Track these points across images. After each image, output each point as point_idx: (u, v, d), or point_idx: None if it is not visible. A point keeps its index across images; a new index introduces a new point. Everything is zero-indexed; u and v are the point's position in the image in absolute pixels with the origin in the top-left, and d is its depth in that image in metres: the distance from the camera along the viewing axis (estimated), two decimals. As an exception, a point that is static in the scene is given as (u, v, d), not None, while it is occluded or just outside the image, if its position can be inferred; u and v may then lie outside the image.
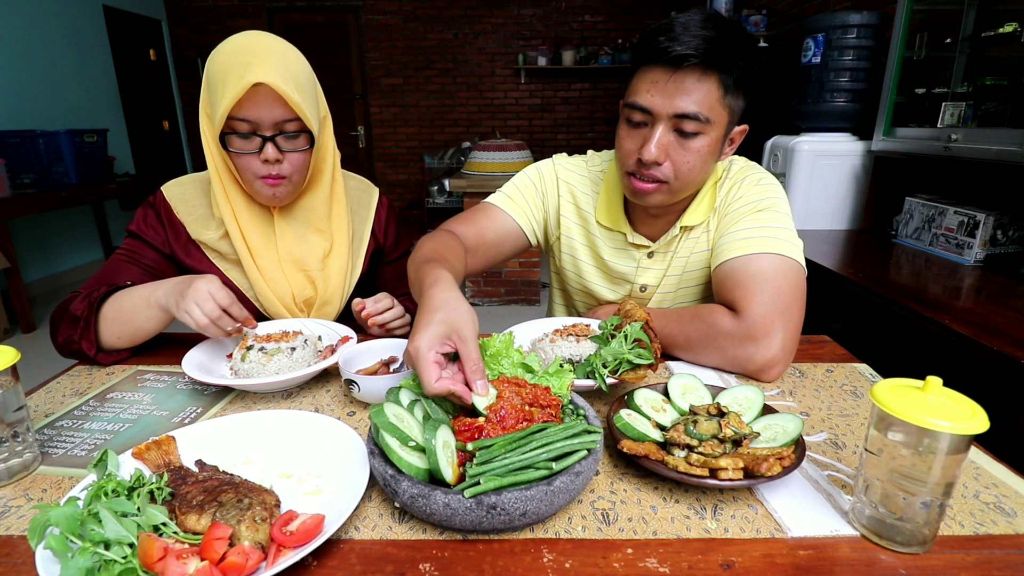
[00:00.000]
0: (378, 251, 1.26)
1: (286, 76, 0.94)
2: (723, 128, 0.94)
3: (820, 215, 2.46)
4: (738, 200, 1.04)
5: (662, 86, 0.90)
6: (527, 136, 6.29)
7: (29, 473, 0.70)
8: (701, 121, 0.90)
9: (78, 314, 0.95)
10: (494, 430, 0.61)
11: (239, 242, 1.07)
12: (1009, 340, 1.19)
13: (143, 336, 0.98)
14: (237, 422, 0.75)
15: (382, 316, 1.04)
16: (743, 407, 0.74)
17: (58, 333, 0.98)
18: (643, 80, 0.92)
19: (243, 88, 0.91)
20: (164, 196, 1.10)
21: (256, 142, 0.98)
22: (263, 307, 1.12)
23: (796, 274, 0.95)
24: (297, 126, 0.99)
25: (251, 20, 5.97)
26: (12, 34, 4.07)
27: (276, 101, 0.95)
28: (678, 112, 0.90)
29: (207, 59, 0.98)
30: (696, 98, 0.89)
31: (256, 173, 1.00)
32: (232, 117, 0.95)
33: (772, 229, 0.98)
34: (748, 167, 1.09)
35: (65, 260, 4.62)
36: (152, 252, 1.08)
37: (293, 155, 1.00)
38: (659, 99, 0.90)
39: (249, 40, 0.96)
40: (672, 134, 0.92)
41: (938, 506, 0.54)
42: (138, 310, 0.95)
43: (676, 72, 0.88)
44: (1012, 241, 1.77)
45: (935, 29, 2.12)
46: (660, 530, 0.59)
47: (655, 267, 1.13)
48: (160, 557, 0.49)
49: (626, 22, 6.01)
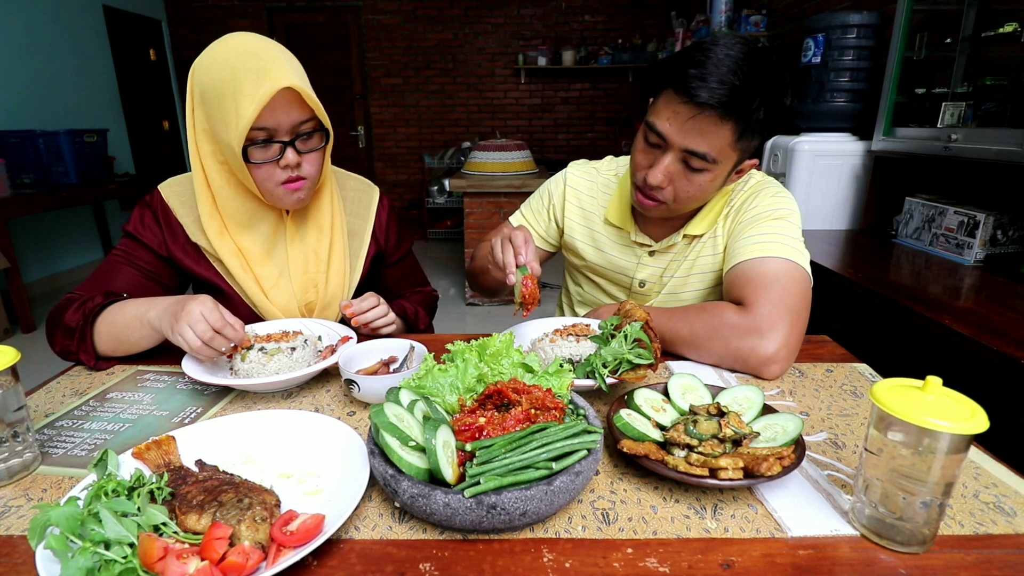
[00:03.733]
0: (379, 254, 1.24)
1: (300, 75, 0.93)
2: (731, 166, 0.97)
3: (820, 215, 2.46)
4: (753, 209, 1.06)
5: (680, 121, 0.92)
6: (527, 136, 6.28)
7: (29, 473, 0.70)
8: (709, 161, 0.93)
9: (72, 325, 0.94)
10: (494, 430, 0.61)
11: (232, 258, 1.04)
12: (1009, 340, 1.19)
13: (137, 350, 0.97)
14: (237, 422, 0.75)
15: (365, 315, 1.03)
16: (743, 407, 0.74)
17: (55, 341, 0.97)
18: (666, 107, 0.94)
19: (268, 95, 0.87)
20: (161, 196, 1.07)
21: (275, 149, 0.95)
22: (260, 313, 1.10)
23: (803, 280, 0.97)
24: (312, 125, 0.97)
25: (251, 20, 5.97)
26: (12, 34, 4.07)
27: (293, 103, 0.92)
28: (689, 148, 0.93)
29: (192, 70, 0.93)
30: (709, 141, 0.91)
31: (277, 180, 0.97)
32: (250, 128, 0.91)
33: (785, 237, 1.01)
34: (765, 181, 1.12)
35: (65, 260, 4.62)
36: (148, 254, 1.06)
37: (311, 155, 0.99)
38: (675, 131, 0.93)
39: (248, 44, 0.92)
40: (680, 164, 0.96)
41: (938, 506, 0.54)
42: (131, 328, 0.93)
43: (697, 110, 0.89)
44: (1012, 241, 1.77)
45: (935, 29, 2.11)
46: (660, 530, 0.59)
47: (654, 265, 1.17)
48: (160, 557, 0.49)
49: (626, 22, 6.01)
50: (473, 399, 0.69)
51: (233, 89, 0.89)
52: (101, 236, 4.98)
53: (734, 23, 3.83)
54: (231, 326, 0.86)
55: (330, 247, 1.12)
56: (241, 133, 0.90)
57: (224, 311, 0.87)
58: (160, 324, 0.89)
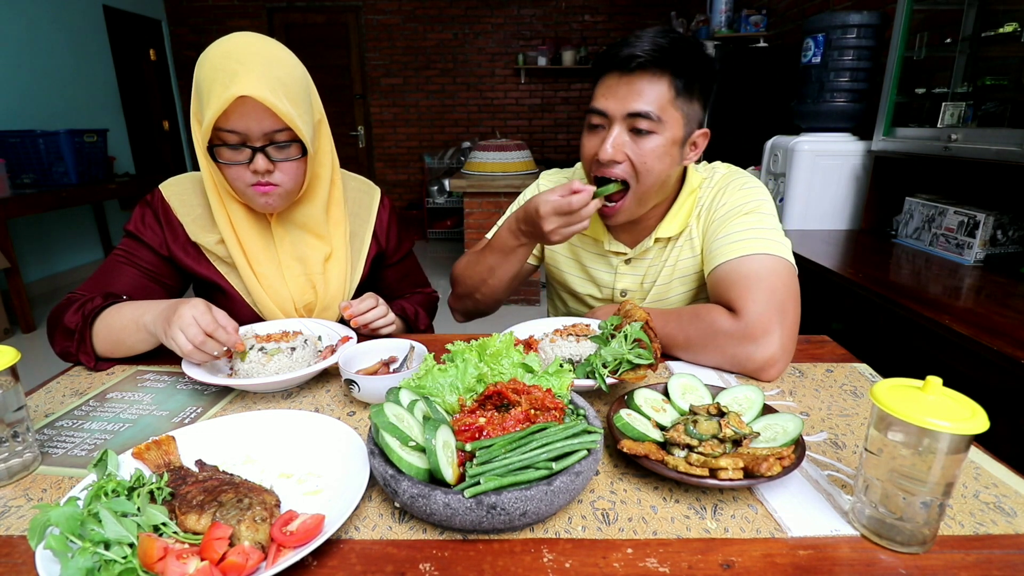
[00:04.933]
0: (380, 255, 1.24)
1: (274, 85, 0.91)
2: (678, 131, 0.98)
3: (820, 215, 2.46)
4: (723, 206, 1.06)
5: (615, 89, 0.96)
6: (527, 136, 6.29)
7: (29, 473, 0.70)
8: (653, 120, 0.95)
9: (72, 327, 0.94)
10: (494, 430, 0.61)
11: (235, 249, 1.05)
12: (1009, 340, 1.19)
13: (136, 353, 0.98)
14: (237, 422, 0.75)
15: (364, 316, 1.03)
16: (743, 407, 0.74)
17: (55, 342, 0.98)
18: (600, 87, 0.99)
19: (227, 101, 0.88)
20: (162, 195, 1.07)
21: (246, 153, 0.94)
22: (261, 313, 1.10)
23: (788, 272, 0.97)
24: (288, 135, 0.95)
25: (251, 20, 5.97)
26: (12, 34, 4.07)
27: (264, 112, 0.91)
28: (631, 111, 0.95)
29: (196, 63, 0.95)
30: (648, 98, 0.95)
31: (246, 182, 0.97)
32: (219, 128, 0.92)
33: (760, 230, 1.00)
34: (731, 173, 1.11)
35: (65, 260, 4.62)
36: (149, 254, 1.06)
37: (285, 164, 0.97)
38: (613, 101, 0.97)
39: (236, 45, 0.92)
40: (628, 134, 0.98)
41: (938, 506, 0.54)
42: (128, 331, 0.93)
43: (629, 75, 0.95)
44: (1012, 241, 1.77)
45: (935, 29, 2.12)
46: (660, 530, 0.59)
47: (632, 273, 1.17)
48: (160, 557, 0.49)
49: (626, 22, 6.01)
50: (473, 399, 0.69)
51: (208, 88, 0.90)
52: (101, 236, 4.98)
53: (734, 23, 3.83)
54: (223, 329, 0.85)
55: (330, 252, 1.12)
56: (204, 132, 0.93)
57: (218, 314, 0.86)
58: (155, 328, 0.88)
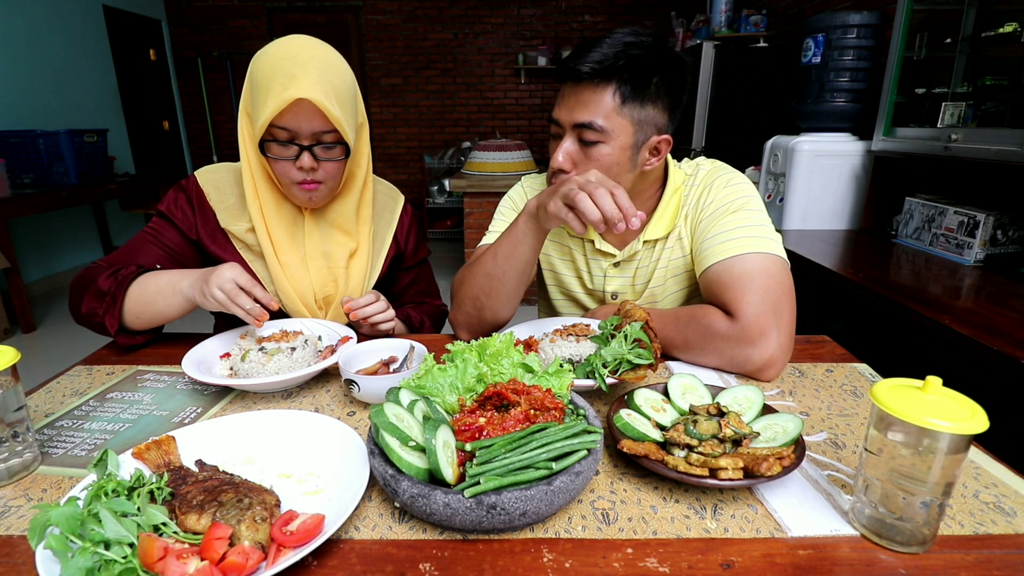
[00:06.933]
0: (398, 256, 1.27)
1: (328, 89, 0.95)
2: (627, 138, 0.97)
3: (820, 215, 2.46)
4: (710, 204, 1.05)
5: (567, 98, 0.98)
6: (527, 136, 6.29)
7: (29, 473, 0.70)
8: (597, 130, 0.95)
9: (105, 289, 0.97)
10: (494, 430, 0.61)
11: (264, 237, 1.08)
12: (1009, 340, 1.19)
13: (159, 321, 1.01)
14: (237, 422, 0.75)
15: (364, 310, 1.04)
16: (743, 407, 0.74)
17: (81, 303, 0.99)
18: (559, 97, 1.01)
19: (285, 101, 0.93)
20: (198, 181, 1.12)
21: (294, 150, 0.99)
22: (282, 302, 1.12)
23: (780, 269, 0.96)
24: (334, 137, 1.00)
25: (251, 20, 5.97)
26: (12, 34, 4.08)
27: (316, 113, 0.96)
28: (576, 122, 0.96)
29: (252, 58, 0.99)
30: (591, 110, 0.95)
31: (293, 179, 1.02)
32: (272, 125, 0.96)
33: (749, 228, 0.99)
34: (716, 170, 1.10)
35: (65, 260, 4.62)
36: (176, 235, 1.10)
37: (329, 164, 1.03)
38: (564, 111, 0.98)
39: (295, 48, 0.96)
40: (576, 144, 0.99)
41: (938, 506, 0.54)
42: (163, 295, 0.97)
43: (576, 85, 0.96)
44: (1012, 241, 1.77)
45: (935, 29, 2.12)
46: (660, 530, 0.59)
47: (621, 276, 1.16)
48: (160, 557, 0.49)
49: (626, 22, 6.01)
50: (473, 399, 0.69)
51: (266, 85, 0.95)
52: (101, 236, 4.98)
53: (734, 23, 3.82)
54: (259, 287, 0.92)
55: (356, 248, 1.15)
56: (260, 128, 0.97)
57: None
58: (192, 292, 0.94)
